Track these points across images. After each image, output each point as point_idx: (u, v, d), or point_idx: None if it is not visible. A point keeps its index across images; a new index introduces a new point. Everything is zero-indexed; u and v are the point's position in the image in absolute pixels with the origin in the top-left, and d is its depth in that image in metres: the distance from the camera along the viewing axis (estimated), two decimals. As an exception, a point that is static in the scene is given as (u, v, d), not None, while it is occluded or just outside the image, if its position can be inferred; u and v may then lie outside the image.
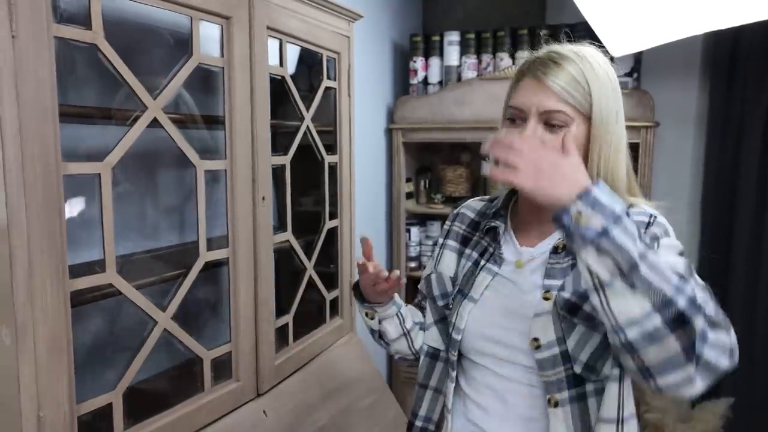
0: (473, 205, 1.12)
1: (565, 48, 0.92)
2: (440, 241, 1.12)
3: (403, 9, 2.70)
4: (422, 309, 1.15)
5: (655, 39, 1.90)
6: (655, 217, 0.93)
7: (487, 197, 1.14)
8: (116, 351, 1.22)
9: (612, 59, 0.97)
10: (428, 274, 1.11)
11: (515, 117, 0.92)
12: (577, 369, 0.88)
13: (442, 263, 1.09)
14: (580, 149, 0.90)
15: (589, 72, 0.89)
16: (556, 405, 0.89)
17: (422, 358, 1.08)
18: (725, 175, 2.36)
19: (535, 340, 0.90)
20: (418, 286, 1.18)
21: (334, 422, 1.51)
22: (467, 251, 1.06)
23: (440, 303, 1.06)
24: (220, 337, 1.29)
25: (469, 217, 1.10)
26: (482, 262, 1.01)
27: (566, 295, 0.89)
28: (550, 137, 0.88)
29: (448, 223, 1.13)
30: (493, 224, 1.02)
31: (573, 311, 0.89)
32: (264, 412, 1.34)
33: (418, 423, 1.07)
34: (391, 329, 1.09)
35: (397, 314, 1.09)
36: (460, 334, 0.98)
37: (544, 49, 0.94)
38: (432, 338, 1.06)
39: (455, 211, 1.14)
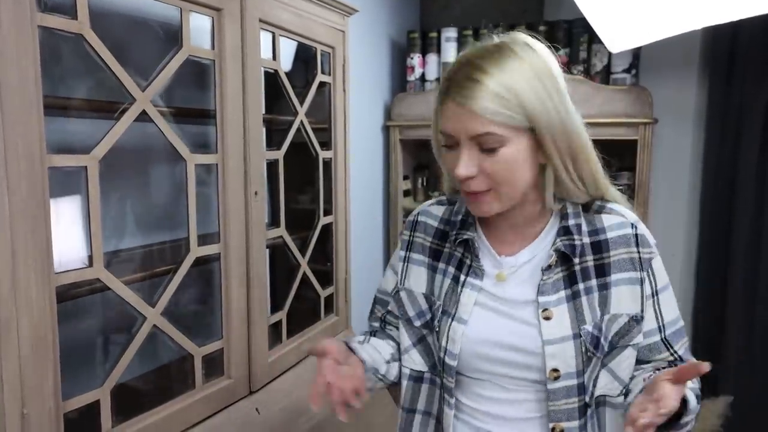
0: (433, 212, 1.03)
1: (481, 53, 0.82)
2: (402, 254, 1.03)
3: (400, 5, 2.68)
4: (385, 324, 1.08)
5: (654, 34, 1.89)
6: (636, 227, 0.92)
7: (444, 198, 1.04)
8: (105, 347, 1.20)
9: (552, 46, 0.88)
10: (396, 292, 1.02)
11: (448, 143, 0.85)
12: (587, 399, 0.89)
13: (410, 279, 1.00)
14: (528, 162, 0.84)
15: (511, 77, 0.80)
16: None
17: (405, 382, 1.01)
18: (724, 171, 2.35)
19: (555, 370, 0.87)
20: (379, 296, 1.10)
21: (327, 420, 1.49)
22: (441, 266, 0.98)
23: (417, 324, 0.98)
24: (211, 334, 1.27)
25: (432, 227, 1.01)
26: (462, 278, 0.94)
27: (590, 328, 0.88)
28: (488, 159, 0.82)
29: (406, 233, 1.03)
30: (465, 236, 0.94)
31: (596, 346, 0.88)
32: (257, 409, 1.32)
33: None
34: (369, 385, 0.98)
35: (373, 374, 0.98)
36: (455, 359, 0.92)
37: (459, 62, 0.84)
38: (413, 361, 0.99)
39: (412, 219, 1.04)
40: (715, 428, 2.24)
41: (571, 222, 0.91)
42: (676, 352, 0.94)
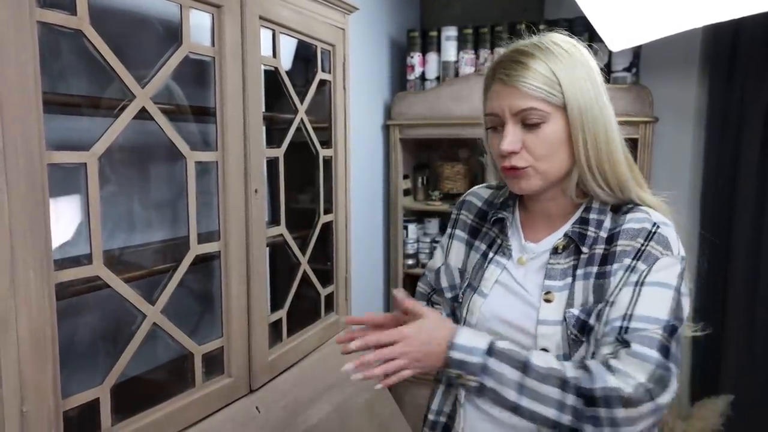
0: (480, 193, 1.10)
1: (527, 43, 0.91)
2: (448, 231, 1.11)
3: (400, 4, 2.68)
4: (432, 304, 1.16)
5: (654, 33, 1.88)
6: (658, 226, 0.89)
7: (494, 184, 1.11)
8: (104, 345, 1.20)
9: (591, 46, 0.95)
10: (439, 267, 1.09)
11: (494, 124, 0.92)
12: None
13: (451, 255, 1.07)
14: (566, 144, 0.89)
15: (554, 61, 0.87)
16: None
17: None
18: (725, 170, 2.34)
19: (544, 350, 0.89)
20: (426, 279, 1.18)
21: (328, 419, 1.49)
22: (476, 243, 1.04)
23: (448, 295, 1.04)
24: (211, 332, 1.27)
25: (476, 206, 1.08)
26: (491, 255, 1.00)
27: (576, 312, 0.88)
28: (530, 135, 0.88)
29: (455, 211, 1.11)
30: (500, 215, 1.01)
31: (582, 330, 0.88)
32: (257, 408, 1.32)
33: (431, 416, 1.06)
34: None
35: None
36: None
37: (506, 51, 0.92)
38: None
39: (461, 199, 1.12)
40: (716, 427, 2.23)
41: (592, 216, 0.93)
42: (624, 340, 0.82)
